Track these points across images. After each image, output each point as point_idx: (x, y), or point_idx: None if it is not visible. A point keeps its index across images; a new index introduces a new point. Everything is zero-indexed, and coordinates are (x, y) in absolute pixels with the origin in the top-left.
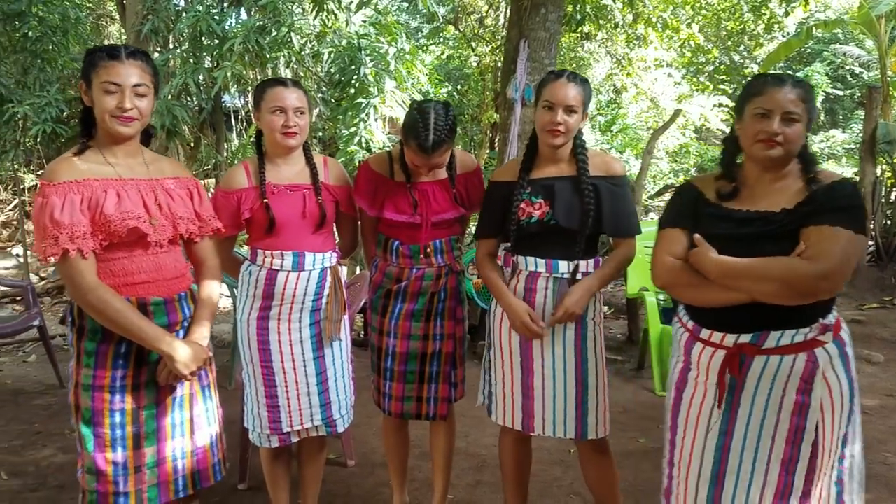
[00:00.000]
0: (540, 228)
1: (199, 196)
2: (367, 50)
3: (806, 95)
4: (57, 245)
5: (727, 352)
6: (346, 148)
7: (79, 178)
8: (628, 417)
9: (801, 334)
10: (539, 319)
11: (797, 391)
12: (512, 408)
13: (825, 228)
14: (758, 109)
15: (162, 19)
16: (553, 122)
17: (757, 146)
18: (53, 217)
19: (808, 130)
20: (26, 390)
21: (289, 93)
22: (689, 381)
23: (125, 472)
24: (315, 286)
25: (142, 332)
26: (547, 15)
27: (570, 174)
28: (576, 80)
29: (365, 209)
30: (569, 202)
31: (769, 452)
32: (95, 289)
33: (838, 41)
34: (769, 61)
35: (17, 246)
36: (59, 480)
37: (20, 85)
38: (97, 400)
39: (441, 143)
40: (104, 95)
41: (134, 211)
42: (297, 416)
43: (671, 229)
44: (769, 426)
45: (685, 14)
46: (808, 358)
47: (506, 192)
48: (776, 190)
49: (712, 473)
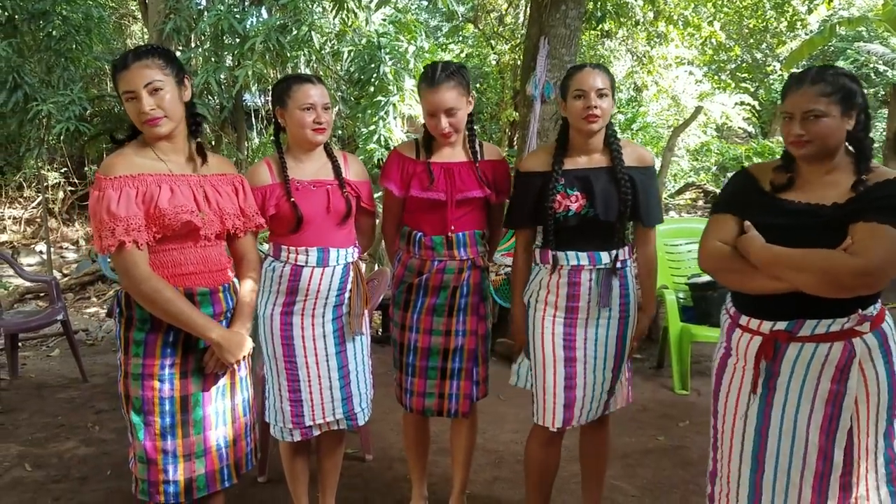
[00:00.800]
0: (578, 221)
1: (244, 192)
2: (387, 48)
3: (832, 88)
4: (113, 237)
5: (763, 338)
6: (366, 146)
7: (134, 173)
8: (647, 416)
9: (838, 324)
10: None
11: (831, 380)
12: (553, 406)
13: (873, 226)
14: (784, 113)
15: (184, 18)
16: (588, 106)
17: (790, 147)
18: (110, 210)
19: (851, 117)
20: (50, 384)
21: (317, 90)
22: (728, 367)
23: (175, 460)
24: (339, 281)
25: (192, 321)
26: (567, 12)
27: (605, 165)
28: (599, 67)
29: (394, 191)
30: (606, 194)
31: (805, 439)
32: (149, 279)
33: (862, 39)
34: (792, 59)
35: (41, 243)
36: (82, 472)
37: (44, 84)
38: (147, 388)
39: (448, 78)
40: (127, 104)
41: (187, 205)
42: (320, 409)
43: (722, 215)
44: (804, 414)
45: (706, 11)
46: (845, 347)
47: (538, 182)
48: (828, 183)
49: (753, 455)
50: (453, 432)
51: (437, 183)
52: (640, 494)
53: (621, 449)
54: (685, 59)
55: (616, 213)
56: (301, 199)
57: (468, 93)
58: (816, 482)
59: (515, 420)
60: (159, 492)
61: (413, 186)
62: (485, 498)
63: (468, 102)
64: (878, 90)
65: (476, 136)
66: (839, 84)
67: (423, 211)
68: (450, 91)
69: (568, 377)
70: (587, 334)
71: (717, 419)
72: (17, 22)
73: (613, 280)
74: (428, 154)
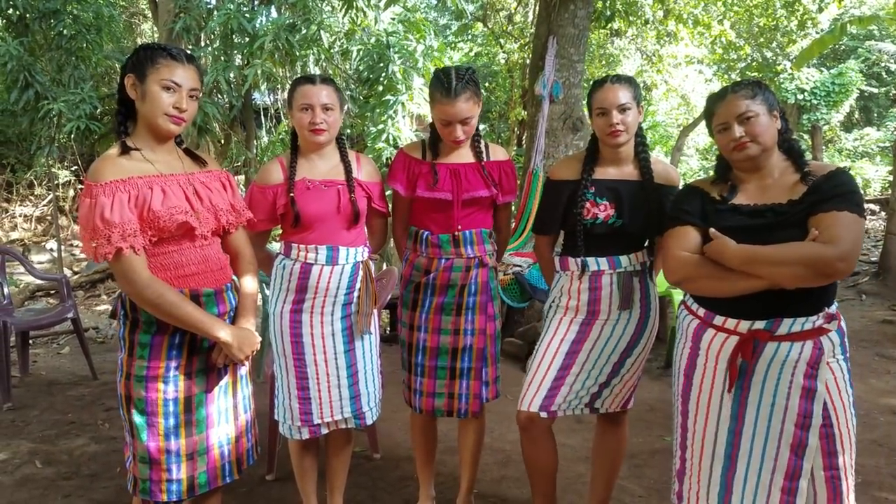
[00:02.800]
0: (605, 230)
1: (231, 188)
2: (396, 47)
3: (753, 91)
4: (110, 244)
5: (741, 337)
6: (374, 145)
7: (124, 177)
8: (655, 416)
9: (811, 322)
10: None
11: (804, 376)
12: (536, 391)
13: (834, 214)
14: (717, 126)
15: (194, 17)
16: (610, 124)
17: (734, 154)
18: (104, 217)
19: (776, 118)
20: (60, 381)
21: (316, 90)
22: (697, 366)
23: (178, 459)
24: (348, 280)
25: (199, 322)
26: (576, 11)
27: (635, 178)
28: (619, 80)
29: (400, 191)
30: (634, 206)
31: (779, 436)
32: (150, 284)
33: (873, 38)
34: (802, 58)
35: (51, 241)
36: (92, 469)
37: (55, 82)
38: (151, 390)
39: (464, 89)
40: (162, 92)
41: (180, 206)
42: (328, 408)
43: (681, 227)
44: (779, 410)
45: (716, 10)
46: (815, 345)
47: (568, 190)
48: (771, 186)
49: (725, 454)
50: (461, 432)
51: (444, 183)
52: (646, 495)
53: (629, 449)
54: (695, 57)
55: (642, 225)
56: (310, 198)
57: (479, 97)
58: (786, 482)
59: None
60: (162, 490)
61: (419, 187)
62: (492, 497)
63: (479, 106)
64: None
65: (482, 137)
66: (757, 88)
67: (430, 210)
68: (466, 102)
69: (563, 367)
70: (601, 334)
71: (686, 418)
72: (28, 21)
73: (634, 282)
74: (434, 155)
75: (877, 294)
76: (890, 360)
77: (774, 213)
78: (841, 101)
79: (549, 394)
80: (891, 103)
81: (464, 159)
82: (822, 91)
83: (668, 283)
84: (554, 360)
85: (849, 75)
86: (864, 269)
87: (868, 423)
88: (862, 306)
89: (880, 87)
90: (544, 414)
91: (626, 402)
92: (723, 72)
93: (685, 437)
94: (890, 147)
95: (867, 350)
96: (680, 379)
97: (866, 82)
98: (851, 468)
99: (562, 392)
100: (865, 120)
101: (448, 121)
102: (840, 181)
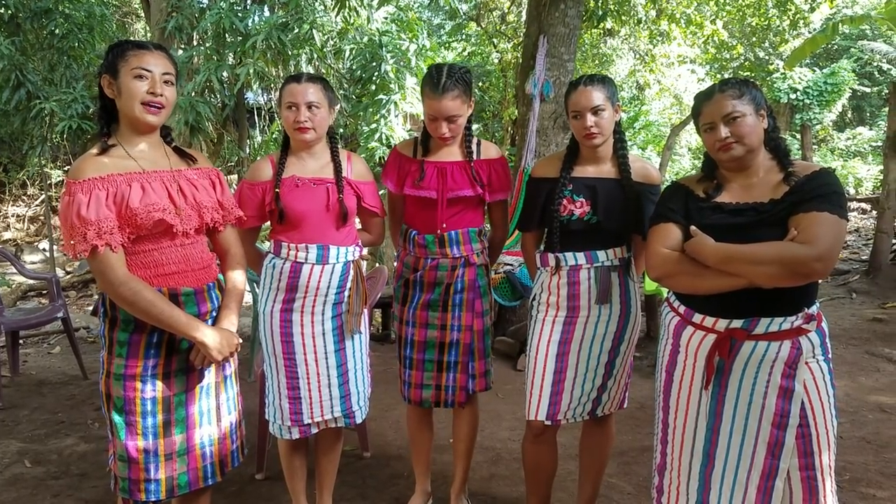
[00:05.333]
0: (581, 226)
1: (221, 185)
2: (389, 47)
3: (740, 91)
4: (86, 241)
5: (718, 335)
6: (367, 144)
7: (103, 174)
8: (645, 413)
9: (789, 322)
10: None
11: (782, 376)
12: (539, 399)
13: (813, 215)
14: (704, 126)
15: (186, 16)
16: (584, 127)
17: (720, 154)
18: (80, 214)
19: (763, 117)
20: (50, 381)
21: (301, 88)
22: (678, 363)
23: (156, 459)
24: (338, 279)
25: (175, 322)
26: (566, 10)
27: (613, 176)
28: (593, 82)
29: (392, 189)
30: (610, 204)
31: (756, 436)
32: (127, 282)
33: (866, 37)
34: (794, 57)
35: (44, 240)
36: (81, 469)
37: (47, 82)
38: (129, 389)
39: (453, 86)
40: (134, 81)
41: (159, 203)
42: (318, 407)
43: (664, 224)
44: (756, 409)
45: (709, 10)
46: (793, 345)
47: (547, 187)
48: (755, 184)
49: (704, 451)
50: (455, 422)
51: (429, 181)
52: (635, 492)
53: (618, 447)
54: (687, 57)
55: (619, 222)
56: (299, 196)
57: (470, 98)
58: (762, 482)
59: (513, 418)
60: (140, 490)
61: (407, 184)
62: (482, 495)
63: (469, 107)
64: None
65: (473, 136)
66: (745, 87)
67: (417, 209)
68: (454, 100)
69: (557, 371)
70: (585, 332)
71: (667, 414)
72: (19, 20)
73: (612, 276)
74: (425, 152)
75: (867, 292)
76: (879, 357)
77: (756, 211)
78: (833, 101)
79: (552, 401)
80: (883, 103)
81: (452, 158)
82: (814, 90)
83: (651, 280)
84: (546, 364)
85: (841, 75)
86: (855, 268)
87: (857, 420)
88: (852, 304)
89: (872, 86)
90: (549, 422)
91: (621, 403)
92: (715, 71)
93: (666, 432)
94: (880, 146)
95: (857, 348)
96: (662, 375)
97: (858, 82)
98: (830, 468)
99: (564, 399)
100: (858, 119)
101: (434, 116)
102: (822, 182)
